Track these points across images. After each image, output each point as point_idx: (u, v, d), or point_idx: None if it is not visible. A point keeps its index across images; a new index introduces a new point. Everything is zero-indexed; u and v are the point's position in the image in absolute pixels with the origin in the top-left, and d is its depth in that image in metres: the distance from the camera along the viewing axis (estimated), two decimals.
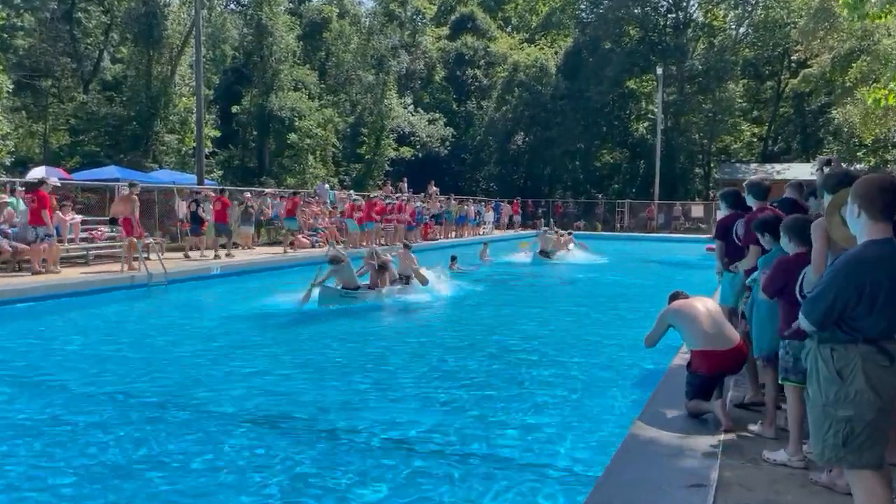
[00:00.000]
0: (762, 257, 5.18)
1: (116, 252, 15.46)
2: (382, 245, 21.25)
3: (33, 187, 13.95)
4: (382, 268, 12.76)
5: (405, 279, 13.36)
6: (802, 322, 3.18)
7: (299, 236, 20.96)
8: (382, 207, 23.10)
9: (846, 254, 3.12)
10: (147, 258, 14.37)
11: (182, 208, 19.55)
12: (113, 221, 15.72)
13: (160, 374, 7.59)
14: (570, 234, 25.09)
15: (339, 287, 12.10)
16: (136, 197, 14.72)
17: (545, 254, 21.61)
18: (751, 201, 6.02)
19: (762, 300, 4.86)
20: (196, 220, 17.88)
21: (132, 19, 30.98)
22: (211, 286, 14.83)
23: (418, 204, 27.07)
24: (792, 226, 4.53)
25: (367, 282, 12.77)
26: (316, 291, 11.85)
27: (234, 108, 38.27)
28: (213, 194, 18.69)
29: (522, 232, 34.08)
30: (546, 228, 25.73)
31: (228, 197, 18.91)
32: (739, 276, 6.01)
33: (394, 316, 11.83)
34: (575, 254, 22.91)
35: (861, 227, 3.09)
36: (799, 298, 4.26)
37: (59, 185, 15.37)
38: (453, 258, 18.00)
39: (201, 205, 17.89)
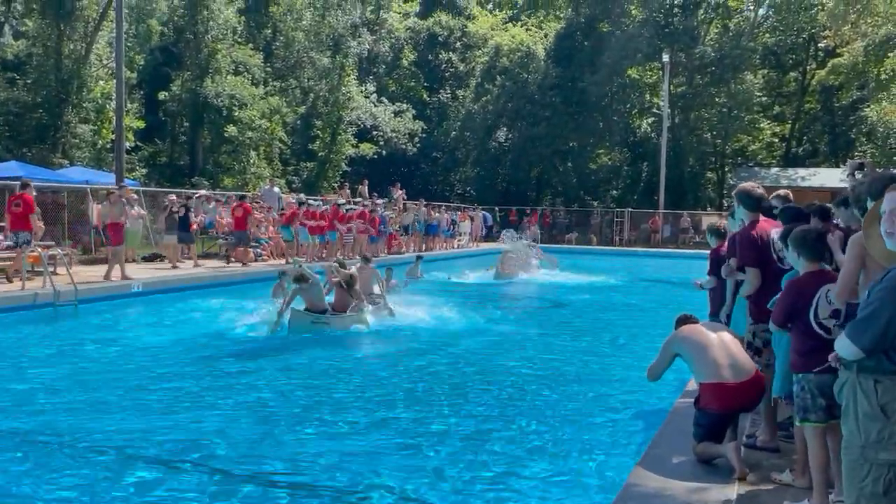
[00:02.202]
0: (787, 275, 5.19)
1: (17, 265, 15.20)
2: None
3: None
4: (350, 284, 12.74)
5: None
6: (845, 349, 3.14)
7: (239, 249, 20.86)
8: (342, 215, 23.15)
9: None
10: (54, 272, 14.18)
11: (95, 213, 19.32)
12: None
13: (49, 409, 7.54)
14: (532, 246, 25.22)
15: (304, 310, 12.17)
16: (124, 199, 16.35)
17: (507, 274, 22.05)
18: (741, 213, 5.98)
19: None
20: (185, 226, 19.20)
21: None
22: (130, 306, 14.68)
23: (387, 213, 26.88)
24: (802, 239, 4.57)
25: (333, 301, 12.77)
26: (286, 316, 11.91)
27: (162, 95, 37.98)
28: (234, 201, 20.98)
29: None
30: (507, 248, 25.87)
31: (151, 199, 19.14)
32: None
33: (355, 345, 11.75)
34: (538, 272, 23.14)
35: None
36: (814, 325, 4.30)
37: None
38: (388, 269, 17.63)
39: (191, 209, 19.57)
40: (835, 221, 5.87)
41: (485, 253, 31.50)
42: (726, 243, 6.67)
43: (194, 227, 19.65)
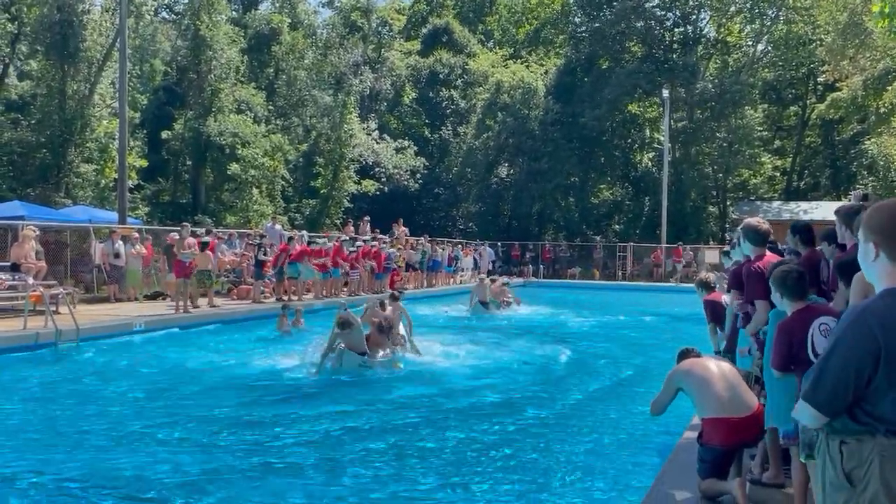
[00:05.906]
0: (773, 311, 5.15)
1: (18, 305, 15.24)
2: (344, 296, 21.53)
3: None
4: (383, 328, 12.83)
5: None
6: (806, 416, 2.70)
7: (243, 286, 20.95)
8: (345, 254, 23.27)
9: (851, 308, 2.75)
10: (55, 311, 14.19)
11: (98, 252, 19.40)
12: (15, 267, 15.54)
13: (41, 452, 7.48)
14: (506, 284, 25.11)
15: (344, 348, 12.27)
16: (188, 239, 17.89)
17: (485, 305, 22.04)
18: (747, 248, 6.04)
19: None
20: (259, 265, 20.67)
21: (44, 28, 31.02)
22: (132, 345, 14.65)
23: (391, 251, 26.79)
24: (783, 279, 4.51)
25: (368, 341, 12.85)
26: (329, 359, 12.02)
27: (165, 134, 38.30)
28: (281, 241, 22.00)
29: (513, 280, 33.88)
30: (483, 276, 26.00)
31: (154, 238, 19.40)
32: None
33: (395, 388, 11.57)
34: (515, 307, 23.14)
35: (879, 272, 2.63)
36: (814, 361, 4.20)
37: None
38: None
39: (263, 248, 20.83)
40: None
41: None
42: (729, 277, 6.69)
43: (267, 268, 20.84)
